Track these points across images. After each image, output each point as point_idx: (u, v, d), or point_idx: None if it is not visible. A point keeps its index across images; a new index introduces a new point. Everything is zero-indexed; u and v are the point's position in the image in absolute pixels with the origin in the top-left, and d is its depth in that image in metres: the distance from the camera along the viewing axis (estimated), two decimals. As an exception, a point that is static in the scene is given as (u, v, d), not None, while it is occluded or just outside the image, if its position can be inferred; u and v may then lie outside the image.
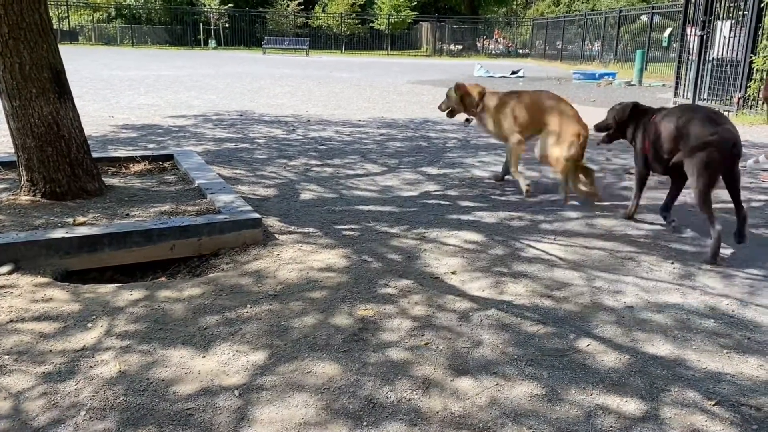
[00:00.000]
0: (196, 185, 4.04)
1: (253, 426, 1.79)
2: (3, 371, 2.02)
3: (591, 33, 27.85)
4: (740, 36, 9.33)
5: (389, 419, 1.83)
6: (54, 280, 2.76)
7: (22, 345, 2.19)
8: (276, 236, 3.37)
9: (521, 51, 37.98)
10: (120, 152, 5.19)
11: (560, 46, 30.75)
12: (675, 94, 11.04)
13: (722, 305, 2.67)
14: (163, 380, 2.01)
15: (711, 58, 10.07)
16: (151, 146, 5.87)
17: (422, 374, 2.07)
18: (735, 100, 9.38)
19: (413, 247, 3.28)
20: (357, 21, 40.95)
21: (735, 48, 9.49)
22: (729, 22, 9.65)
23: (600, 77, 17.52)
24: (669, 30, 18.49)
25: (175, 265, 3.13)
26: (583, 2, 40.52)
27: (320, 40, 39.29)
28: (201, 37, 37.72)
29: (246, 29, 39.07)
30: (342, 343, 2.26)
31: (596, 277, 2.93)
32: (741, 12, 9.39)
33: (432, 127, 7.86)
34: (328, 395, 1.94)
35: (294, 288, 2.73)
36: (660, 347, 2.28)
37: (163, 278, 2.99)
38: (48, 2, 3.77)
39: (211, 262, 3.08)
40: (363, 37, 40.68)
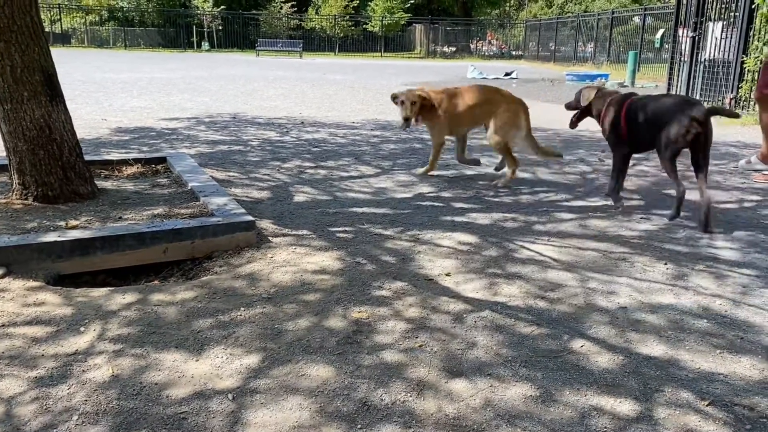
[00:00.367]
0: (189, 188, 4.02)
1: (247, 429, 1.78)
2: (-6, 376, 2.01)
3: (584, 34, 27.98)
4: (732, 37, 9.39)
5: (383, 421, 1.82)
6: (46, 284, 2.75)
7: (14, 349, 2.18)
8: (269, 239, 3.36)
9: (514, 53, 38.13)
10: (113, 155, 5.17)
11: (553, 48, 30.88)
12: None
13: (715, 305, 2.68)
14: (157, 384, 2.00)
15: (703, 60, 10.13)
16: (144, 149, 5.85)
17: (416, 376, 2.07)
18: (727, 101, 9.43)
19: (407, 249, 3.28)
20: (350, 23, 41.01)
21: (726, 49, 9.54)
22: (720, 24, 9.70)
23: (593, 79, 17.59)
24: (661, 31, 18.58)
25: (168, 268, 3.11)
26: (576, 4, 40.69)
27: (314, 42, 39.33)
28: (194, 40, 37.69)
29: (239, 31, 39.09)
30: (336, 346, 2.25)
31: (590, 278, 2.94)
32: (732, 13, 9.45)
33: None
34: (322, 398, 1.94)
35: (288, 291, 2.72)
36: (653, 348, 2.29)
37: (156, 281, 2.98)
38: (40, 5, 3.76)
39: (205, 265, 3.07)
40: (356, 39, 40.73)
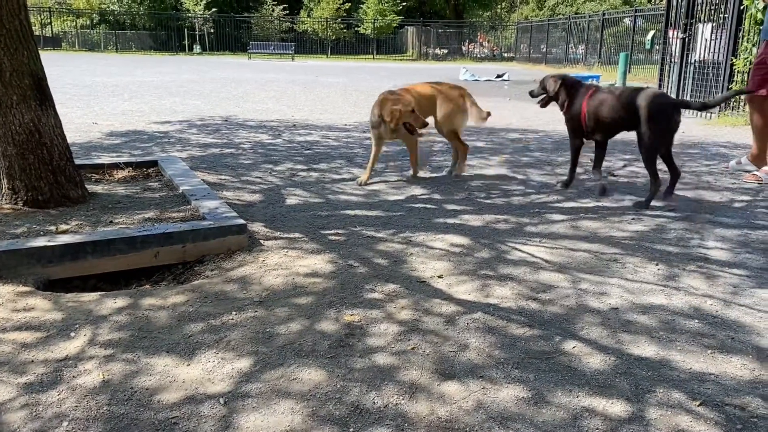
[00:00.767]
0: (181, 191, 4.01)
1: (239, 434, 1.78)
2: (-17, 382, 1.99)
3: (575, 36, 28.09)
4: (721, 38, 9.44)
5: (376, 425, 1.82)
6: (36, 289, 2.73)
7: (3, 355, 2.16)
8: (261, 242, 3.35)
9: (506, 55, 38.26)
10: (104, 159, 5.15)
11: (545, 50, 30.99)
12: (658, 97, 11.13)
13: (706, 306, 2.69)
14: (148, 389, 1.98)
15: (693, 61, 10.18)
16: (136, 152, 5.83)
17: (409, 379, 2.06)
18: (717, 102, 9.47)
19: (399, 251, 3.28)
20: (342, 25, 41.04)
21: (716, 50, 9.59)
22: (710, 25, 9.75)
23: (584, 80, 17.64)
24: (652, 33, 18.65)
25: (160, 273, 3.10)
26: (567, 6, 40.85)
27: (306, 45, 39.33)
28: (186, 43, 37.61)
29: (231, 34, 39.03)
30: (328, 349, 2.25)
31: (581, 279, 2.95)
32: (722, 15, 9.50)
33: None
34: (315, 402, 1.93)
35: (279, 294, 2.72)
36: (645, 348, 2.29)
37: (148, 286, 2.97)
38: (29, 8, 3.74)
39: (196, 269, 3.06)
40: (349, 42, 40.76)
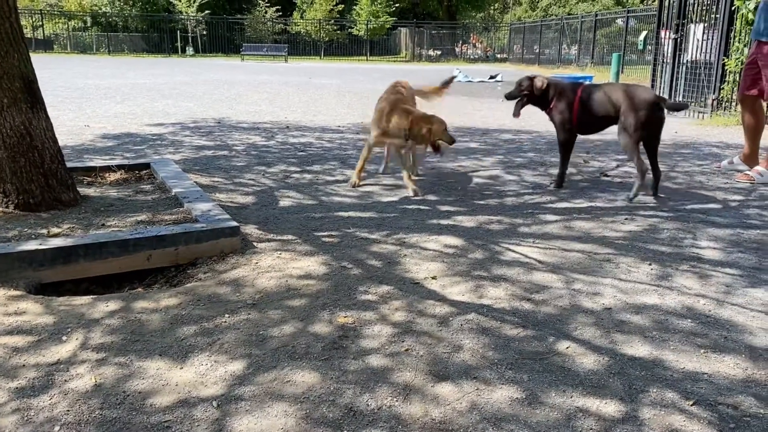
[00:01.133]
0: (173, 194, 4.00)
1: (232, 437, 1.77)
2: (-26, 387, 1.97)
3: (568, 37, 28.18)
4: (713, 39, 9.48)
5: (370, 427, 1.81)
6: (27, 293, 2.71)
7: (-6, 360, 2.15)
8: (254, 244, 3.34)
9: (499, 56, 38.33)
10: (96, 161, 5.12)
11: (538, 51, 31.07)
12: (651, 97, 11.17)
13: (699, 305, 2.69)
14: (140, 393, 1.97)
15: (685, 61, 10.23)
16: (128, 155, 5.81)
17: (403, 381, 2.06)
18: (709, 102, 9.52)
19: (393, 253, 3.27)
20: (336, 27, 41.03)
21: (708, 51, 9.64)
22: (702, 26, 9.80)
23: (577, 80, 17.69)
24: (644, 33, 18.74)
25: (152, 276, 3.09)
26: (560, 7, 40.97)
27: (299, 47, 39.31)
28: (178, 45, 37.53)
29: (224, 36, 38.96)
30: (322, 352, 2.24)
31: (575, 280, 2.95)
32: (713, 15, 9.55)
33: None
34: (308, 404, 1.92)
35: (273, 296, 2.71)
36: (638, 348, 2.30)
37: (140, 289, 2.95)
38: (19, 11, 3.72)
39: (189, 272, 3.05)
40: (342, 43, 40.76)
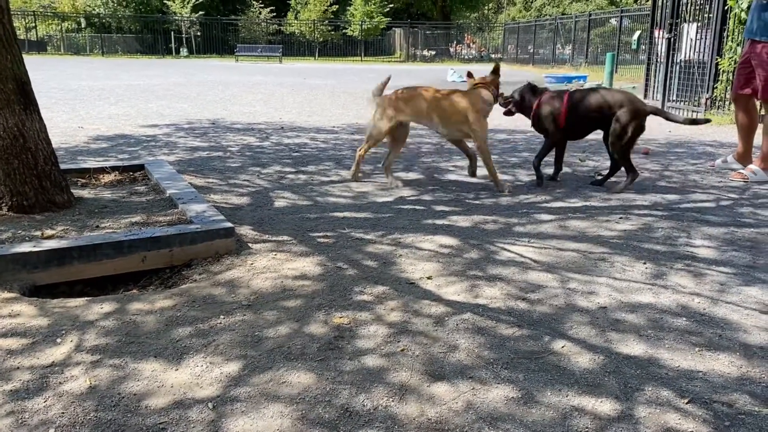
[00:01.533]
0: (168, 195, 3.99)
1: (228, 439, 1.76)
2: (-32, 390, 1.97)
3: (562, 37, 28.23)
4: (706, 38, 9.52)
5: (366, 427, 1.81)
6: (21, 295, 2.70)
7: (-12, 363, 2.14)
8: (249, 245, 3.34)
9: (494, 55, 38.39)
10: (90, 163, 5.11)
11: (532, 50, 31.12)
12: (645, 96, 11.21)
13: (694, 304, 2.70)
14: (135, 394, 1.97)
15: (679, 60, 10.26)
16: (122, 156, 5.79)
17: (398, 381, 2.06)
18: (703, 101, 9.56)
19: (388, 253, 3.27)
20: (330, 27, 41.01)
21: (701, 50, 9.67)
22: (695, 25, 9.84)
23: (571, 80, 17.75)
24: (637, 33, 18.81)
25: (147, 277, 3.08)
26: (554, 6, 41.05)
27: (293, 47, 39.27)
28: (172, 46, 37.45)
29: (218, 37, 38.91)
30: (317, 352, 2.24)
31: (570, 279, 2.95)
32: (707, 15, 9.59)
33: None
34: (304, 405, 1.92)
35: (268, 297, 2.70)
36: (633, 347, 2.30)
37: (135, 290, 2.95)
38: (12, 12, 3.70)
39: (184, 273, 3.04)
40: (336, 44, 40.75)
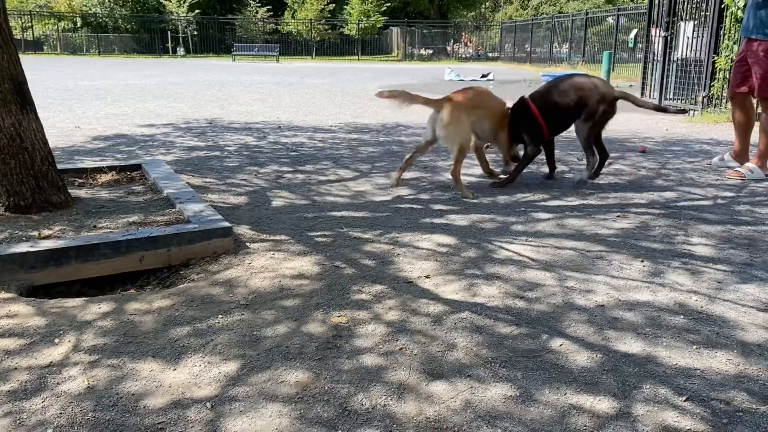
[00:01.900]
0: (165, 195, 3.98)
1: (226, 438, 1.76)
2: (-35, 391, 1.96)
3: (559, 35, 28.25)
4: (703, 36, 9.53)
5: (364, 426, 1.81)
6: (19, 296, 2.70)
7: (-14, 363, 2.13)
8: (247, 245, 3.34)
9: (491, 54, 38.42)
10: (87, 163, 5.10)
11: (529, 49, 31.13)
12: (642, 94, 11.23)
13: (691, 301, 2.71)
14: (133, 394, 1.97)
15: (675, 59, 10.27)
16: (119, 156, 5.78)
17: (397, 379, 2.06)
18: (700, 99, 9.57)
19: (386, 252, 3.27)
20: (327, 26, 40.99)
21: (698, 48, 9.69)
22: (692, 23, 9.85)
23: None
24: (634, 31, 18.82)
25: (145, 277, 3.08)
26: (551, 5, 41.08)
27: (290, 47, 39.23)
28: (169, 45, 37.40)
29: (215, 36, 38.86)
30: (315, 351, 2.24)
31: (568, 277, 2.96)
32: (703, 13, 9.60)
33: (404, 132, 7.89)
34: (302, 404, 1.92)
35: (266, 297, 2.70)
36: (631, 345, 2.31)
37: (133, 290, 2.94)
38: (8, 12, 3.70)
39: (182, 273, 3.04)
40: (333, 43, 40.72)
